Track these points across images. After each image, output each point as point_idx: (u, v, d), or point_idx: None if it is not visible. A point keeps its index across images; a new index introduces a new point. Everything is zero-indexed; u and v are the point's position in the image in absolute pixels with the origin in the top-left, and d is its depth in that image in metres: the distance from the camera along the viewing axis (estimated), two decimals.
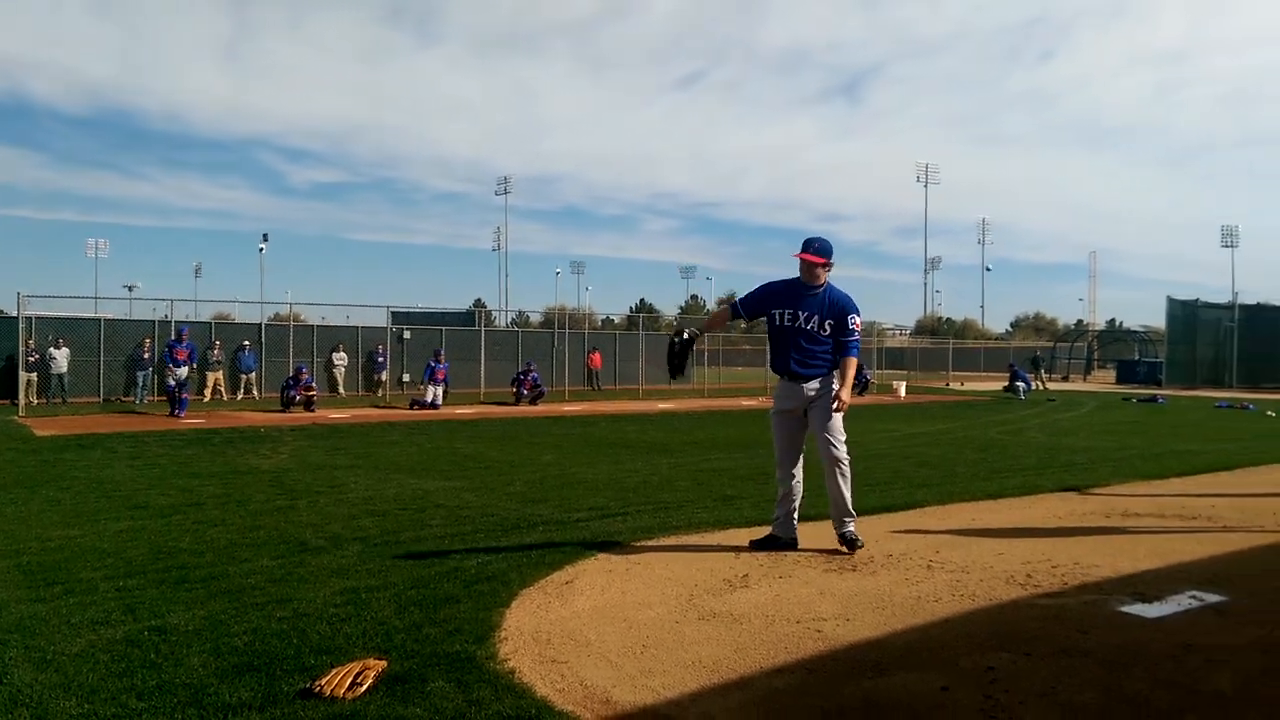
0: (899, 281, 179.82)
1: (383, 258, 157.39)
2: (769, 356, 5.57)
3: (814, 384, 5.25)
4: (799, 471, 5.35)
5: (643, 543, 5.43)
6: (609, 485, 7.99)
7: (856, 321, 5.28)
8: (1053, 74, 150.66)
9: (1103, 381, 42.53)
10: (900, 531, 5.80)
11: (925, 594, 4.17)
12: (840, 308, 5.24)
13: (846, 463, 5.25)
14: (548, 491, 7.59)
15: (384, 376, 25.21)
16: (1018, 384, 27.13)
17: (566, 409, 20.41)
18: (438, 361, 20.88)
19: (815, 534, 5.61)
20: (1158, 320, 42.61)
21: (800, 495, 5.35)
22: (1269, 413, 19.62)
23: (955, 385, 38.56)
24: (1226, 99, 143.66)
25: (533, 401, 21.90)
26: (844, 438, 5.28)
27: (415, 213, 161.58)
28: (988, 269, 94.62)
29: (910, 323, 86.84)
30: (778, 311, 5.29)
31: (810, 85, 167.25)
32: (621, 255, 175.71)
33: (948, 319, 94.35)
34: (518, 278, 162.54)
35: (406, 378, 25.10)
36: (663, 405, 22.36)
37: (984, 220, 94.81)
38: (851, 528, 5.19)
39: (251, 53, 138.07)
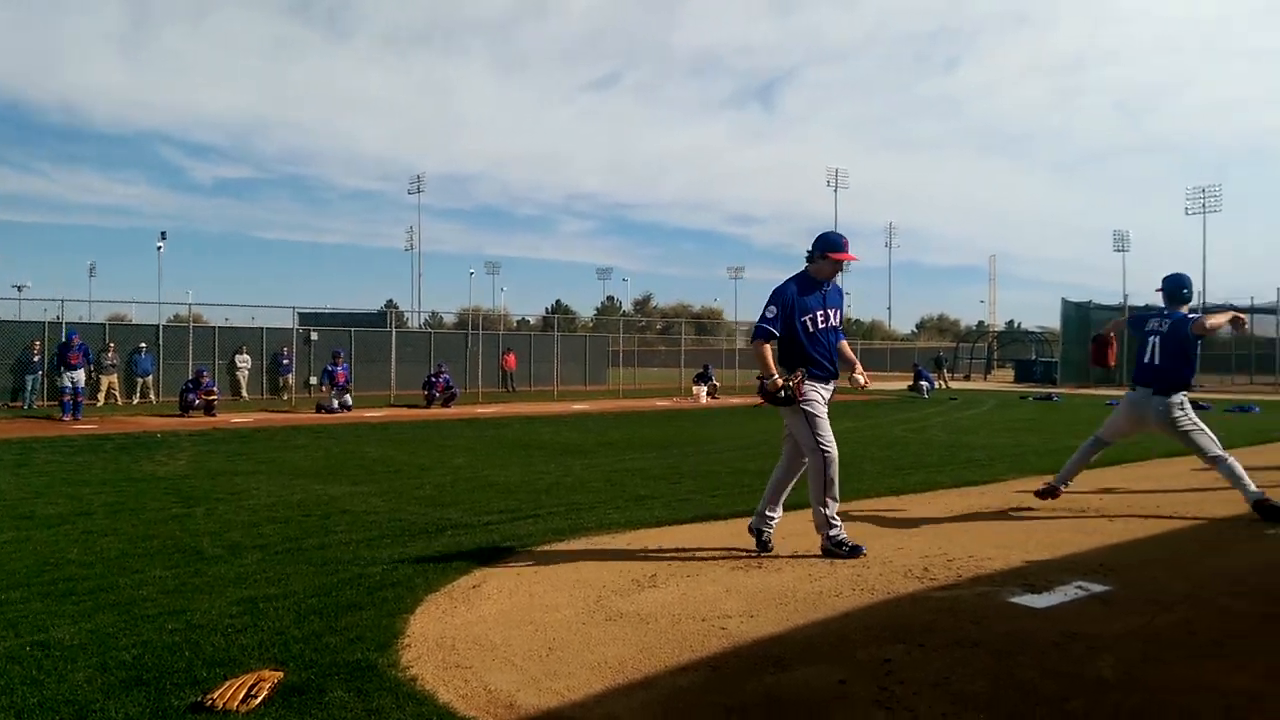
0: None
1: (291, 257, 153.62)
2: (797, 362, 5.12)
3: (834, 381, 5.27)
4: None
5: (553, 545, 5.41)
6: (521, 487, 7.94)
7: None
8: (959, 81, 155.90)
9: (1002, 380, 44.08)
10: (806, 527, 5.89)
11: (827, 589, 4.27)
12: (841, 296, 5.32)
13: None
14: (458, 495, 7.50)
15: (290, 379, 24.53)
16: (921, 383, 27.98)
17: (480, 411, 20.20)
18: (336, 364, 20.37)
19: (725, 532, 5.69)
20: (1054, 321, 44.39)
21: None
22: None
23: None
24: (1120, 108, 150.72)
25: (445, 404, 21.60)
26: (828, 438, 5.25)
27: (325, 211, 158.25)
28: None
29: None
30: (808, 318, 5.09)
31: (725, 89, 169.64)
32: (537, 256, 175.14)
33: (857, 320, 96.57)
34: (431, 278, 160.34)
35: (313, 380, 24.47)
36: (578, 406, 22.32)
37: (891, 224, 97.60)
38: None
39: (151, 45, 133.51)
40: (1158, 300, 6.72)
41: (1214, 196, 61.22)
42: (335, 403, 19.58)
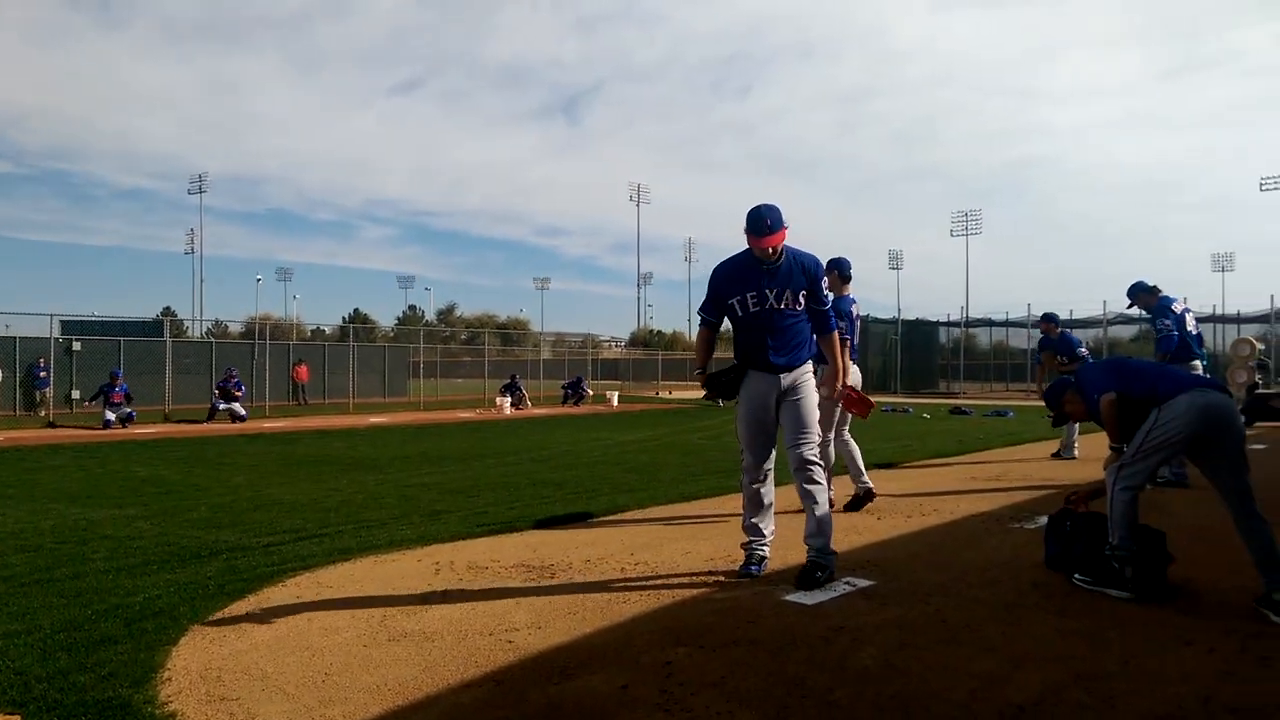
0: (615, 295, 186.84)
1: (52, 259, 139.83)
2: (737, 352, 4.80)
3: (792, 374, 4.68)
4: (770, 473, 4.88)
5: (339, 565, 5.19)
6: (308, 506, 7.58)
7: (825, 285, 4.71)
8: (752, 107, 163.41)
9: None
10: (602, 536, 5.98)
11: (616, 596, 4.34)
12: (809, 272, 4.62)
13: (821, 466, 4.70)
14: (237, 516, 7.06)
15: (47, 394, 22.28)
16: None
17: (267, 425, 19.14)
18: (112, 385, 18.82)
19: (521, 544, 5.67)
20: None
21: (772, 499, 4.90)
22: (924, 415, 22.41)
23: (665, 394, 40.53)
24: (896, 137, 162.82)
25: (233, 417, 20.33)
26: (818, 438, 4.76)
27: (93, 210, 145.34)
28: None
29: (625, 334, 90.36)
30: (735, 300, 4.62)
31: (532, 101, 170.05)
32: (335, 263, 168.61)
33: (659, 331, 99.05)
34: (216, 285, 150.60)
35: (76, 394, 22.36)
36: (375, 419, 21.59)
37: (690, 239, 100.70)
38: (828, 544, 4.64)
39: None
40: (926, 314, 7.41)
41: (975, 220, 67.27)
42: (112, 416, 18.09)
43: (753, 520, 4.86)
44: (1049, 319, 11.03)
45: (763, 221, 4.47)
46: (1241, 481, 4.16)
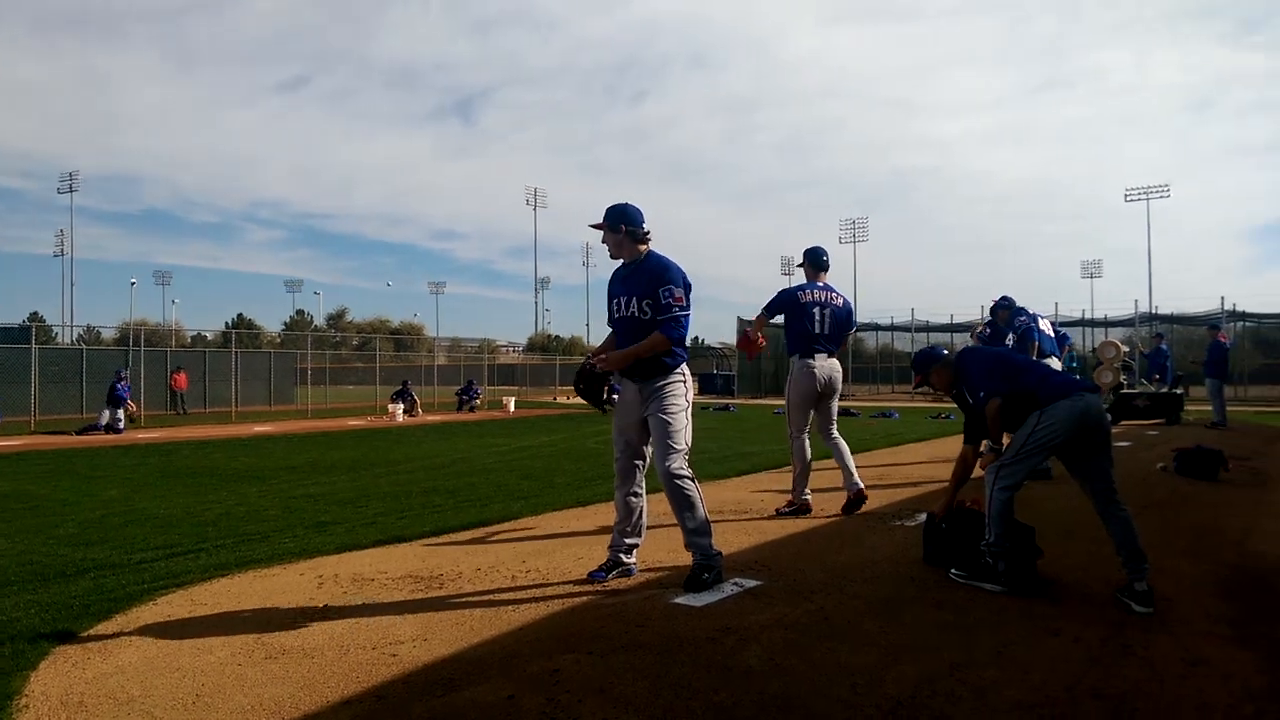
0: (513, 300, 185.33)
1: None
2: None
3: (648, 385, 4.62)
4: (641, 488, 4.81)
5: (215, 581, 4.98)
6: (184, 520, 7.25)
7: (675, 294, 4.49)
8: (645, 113, 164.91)
9: None
10: (493, 544, 5.91)
11: (505, 605, 4.29)
12: (653, 277, 4.51)
13: (691, 480, 4.59)
14: (107, 532, 6.70)
15: None
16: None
17: (141, 436, 18.25)
18: None
19: (410, 554, 5.56)
20: (731, 338, 47.98)
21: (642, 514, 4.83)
22: None
23: (562, 399, 40.38)
24: (787, 144, 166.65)
25: (110, 429, 19.29)
26: (684, 448, 4.62)
27: None
28: None
29: (523, 340, 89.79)
30: (611, 302, 4.62)
31: (425, 102, 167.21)
32: (217, 266, 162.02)
33: (556, 336, 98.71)
34: (87, 289, 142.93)
35: None
36: (259, 428, 20.84)
37: (587, 244, 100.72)
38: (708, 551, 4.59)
39: None
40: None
41: (862, 228, 69.30)
42: None
43: (616, 527, 4.86)
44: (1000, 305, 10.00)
45: (621, 211, 4.64)
46: (1107, 477, 4.40)
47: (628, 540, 4.81)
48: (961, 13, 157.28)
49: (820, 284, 7.07)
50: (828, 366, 6.92)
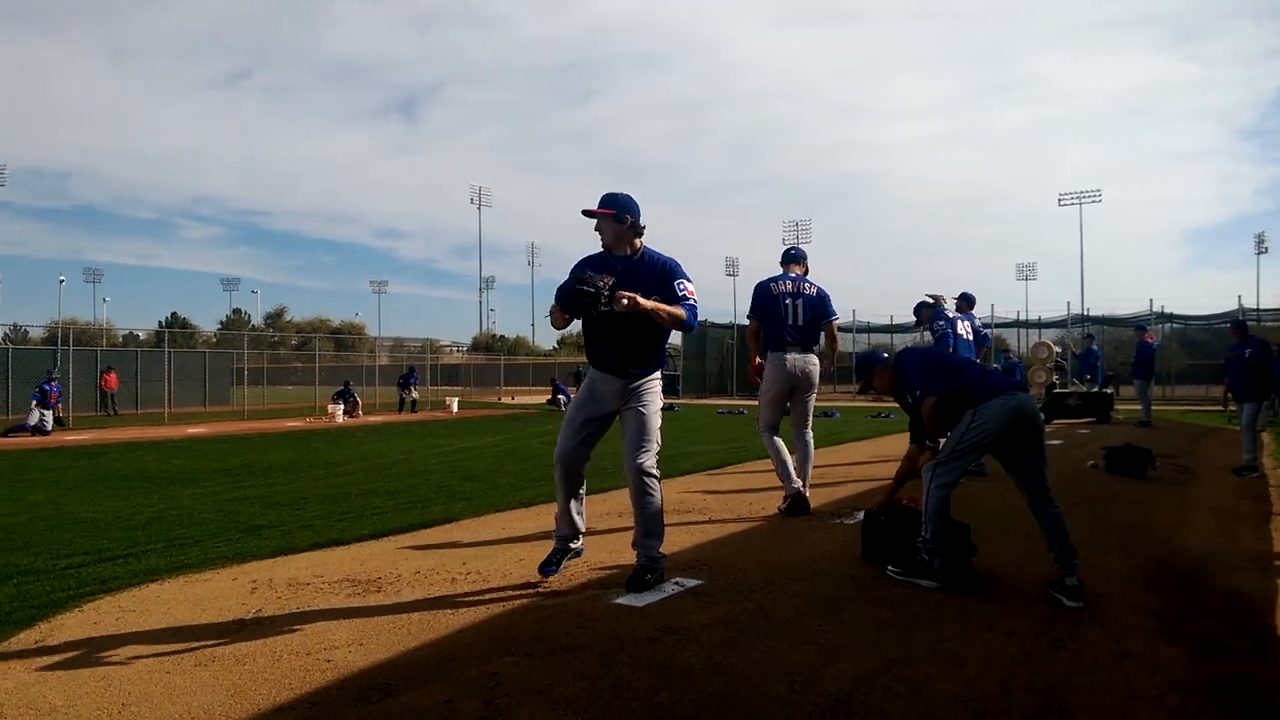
0: (457, 299, 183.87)
1: None
2: (586, 350, 4.75)
3: (635, 382, 4.53)
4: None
5: (145, 587, 4.84)
6: (114, 524, 7.04)
7: (689, 287, 4.46)
8: (594, 113, 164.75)
9: None
10: (434, 547, 5.84)
11: (444, 608, 4.23)
12: (664, 271, 4.46)
13: (659, 480, 4.56)
14: (32, 537, 6.47)
15: None
16: (559, 397, 29.05)
17: (70, 438, 17.69)
18: None
19: (348, 557, 5.46)
20: (675, 337, 48.22)
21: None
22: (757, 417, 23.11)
23: (506, 399, 40.17)
24: (731, 147, 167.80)
25: (35, 431, 18.65)
26: (657, 446, 4.58)
27: None
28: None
29: (467, 339, 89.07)
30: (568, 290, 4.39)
31: (368, 99, 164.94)
32: (153, 264, 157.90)
33: (502, 336, 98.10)
34: (12, 286, 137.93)
35: None
36: (193, 430, 20.35)
37: (533, 244, 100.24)
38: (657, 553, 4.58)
39: None
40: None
41: (805, 230, 69.90)
42: None
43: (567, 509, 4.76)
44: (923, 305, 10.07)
45: (613, 199, 4.59)
46: (1039, 474, 4.50)
47: (578, 518, 4.77)
48: (905, 18, 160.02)
49: (794, 275, 6.99)
50: (800, 360, 6.81)
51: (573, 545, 4.82)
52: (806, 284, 6.93)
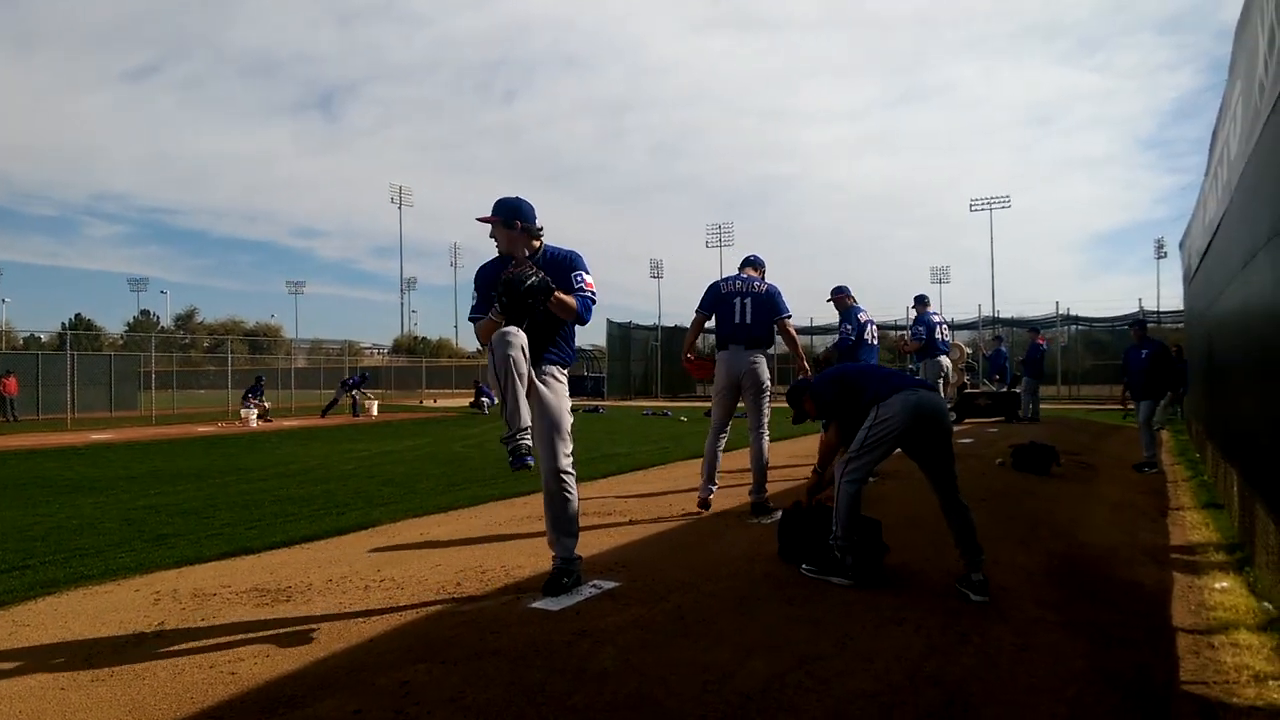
0: (378, 301, 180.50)
1: None
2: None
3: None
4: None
5: (41, 600, 4.65)
6: (10, 534, 6.74)
7: (588, 280, 4.49)
8: (516, 113, 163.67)
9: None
10: (348, 554, 5.72)
11: (356, 616, 4.15)
12: (563, 266, 4.46)
13: (572, 478, 4.52)
14: None
15: None
16: (483, 399, 28.77)
17: None
18: None
19: (257, 565, 5.33)
20: (601, 340, 48.16)
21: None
22: (681, 418, 23.30)
23: (429, 402, 39.61)
24: (655, 149, 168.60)
25: None
26: (571, 448, 4.56)
27: None
28: None
29: (388, 341, 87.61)
30: (493, 294, 4.31)
31: (285, 94, 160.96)
32: (54, 263, 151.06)
33: (424, 338, 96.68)
34: None
35: None
36: (97, 436, 19.57)
37: (456, 244, 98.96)
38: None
39: None
40: (684, 320, 7.57)
41: (727, 232, 70.51)
42: None
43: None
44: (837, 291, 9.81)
45: (507, 205, 4.56)
46: (948, 472, 4.64)
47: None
48: (824, 25, 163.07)
49: (744, 275, 7.05)
50: (742, 359, 6.82)
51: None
52: (757, 283, 6.98)
